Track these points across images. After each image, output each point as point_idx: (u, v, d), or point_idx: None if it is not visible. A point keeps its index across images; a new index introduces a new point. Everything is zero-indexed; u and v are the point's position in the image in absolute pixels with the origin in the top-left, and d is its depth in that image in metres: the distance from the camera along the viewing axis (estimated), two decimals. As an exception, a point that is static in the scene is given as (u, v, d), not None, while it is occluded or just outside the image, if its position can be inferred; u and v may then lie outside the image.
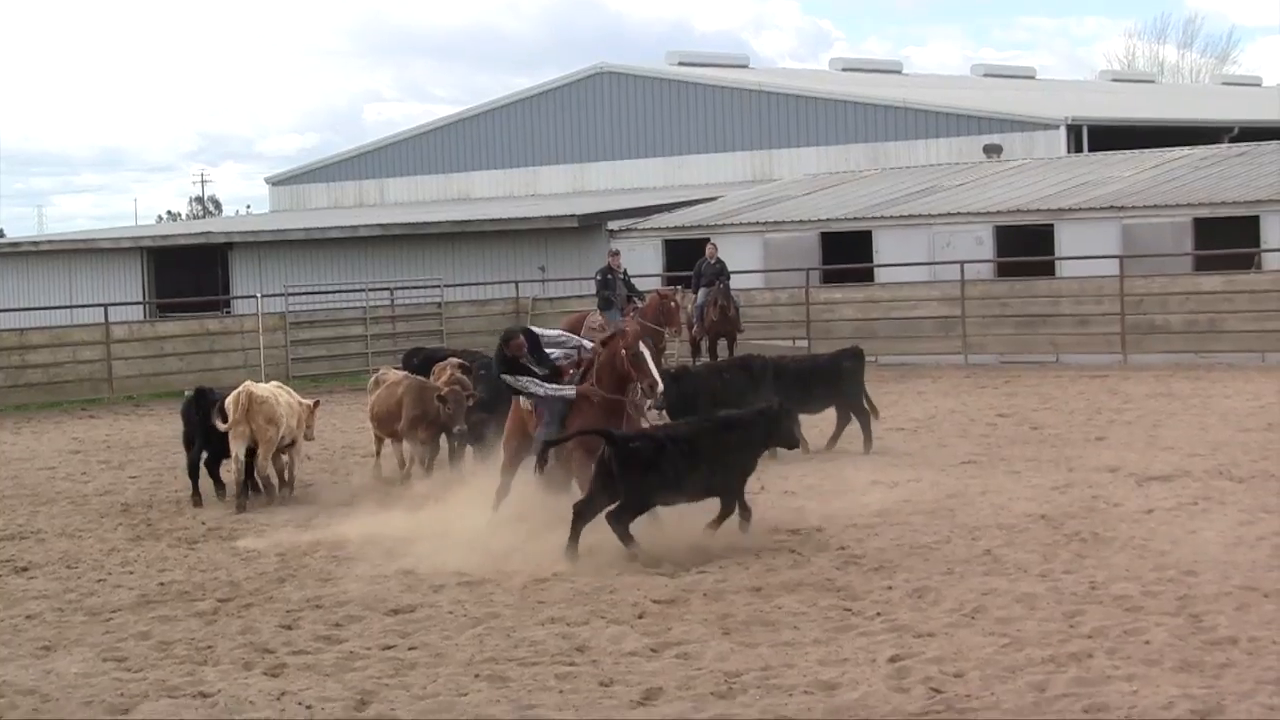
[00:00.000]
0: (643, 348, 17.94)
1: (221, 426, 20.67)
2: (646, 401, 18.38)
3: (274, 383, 22.64)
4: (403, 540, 17.43)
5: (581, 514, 16.29)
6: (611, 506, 16.21)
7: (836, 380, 24.05)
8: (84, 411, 34.88)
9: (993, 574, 14.97)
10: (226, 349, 38.99)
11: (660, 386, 18.09)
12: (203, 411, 21.35)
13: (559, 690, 11.75)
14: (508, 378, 18.34)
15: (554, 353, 18.58)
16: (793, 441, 17.82)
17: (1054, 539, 16.50)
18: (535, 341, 18.47)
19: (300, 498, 21.40)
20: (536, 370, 18.23)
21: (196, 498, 21.24)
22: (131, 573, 16.89)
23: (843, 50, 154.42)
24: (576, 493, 17.38)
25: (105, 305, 40.14)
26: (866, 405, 24.11)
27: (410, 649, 13.11)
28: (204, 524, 19.71)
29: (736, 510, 16.82)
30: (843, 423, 23.96)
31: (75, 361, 36.99)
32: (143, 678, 12.52)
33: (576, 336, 19.36)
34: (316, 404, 22.36)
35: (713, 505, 16.89)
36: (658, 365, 18.45)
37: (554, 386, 18.14)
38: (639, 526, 16.27)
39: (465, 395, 21.59)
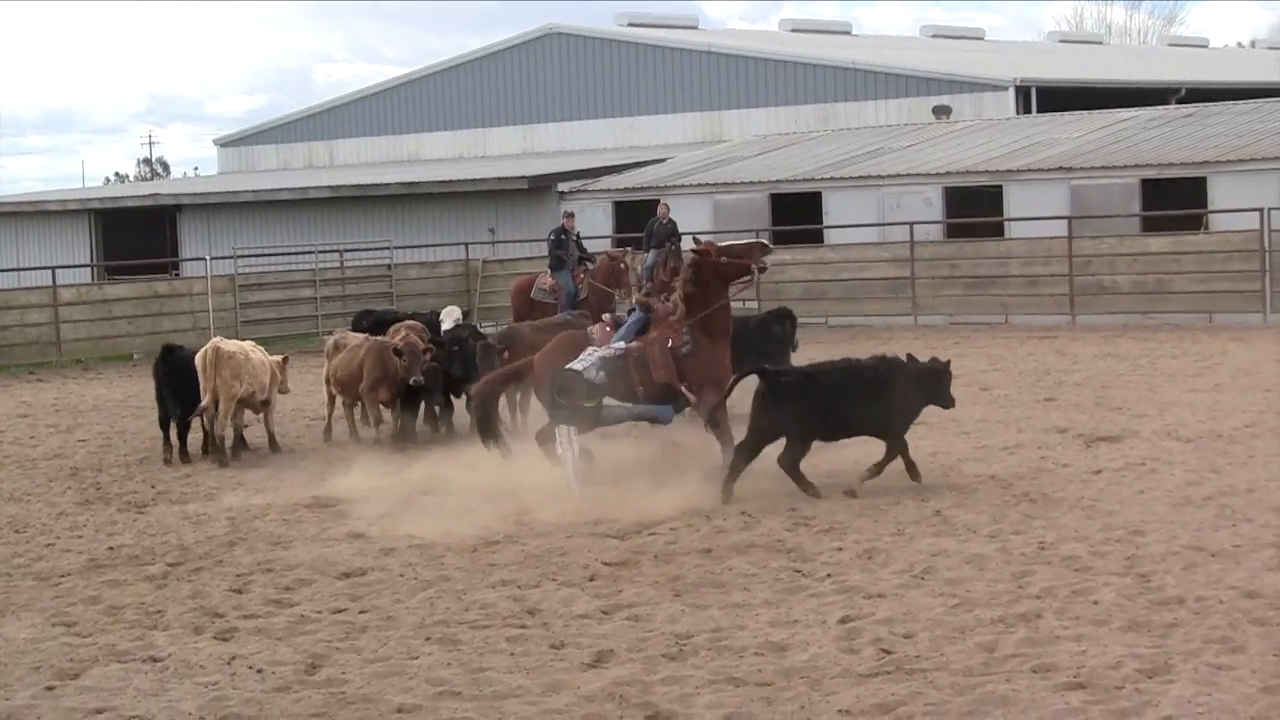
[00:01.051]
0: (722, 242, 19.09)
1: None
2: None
3: (248, 342, 22.69)
4: (353, 503, 17.45)
5: (743, 453, 17.11)
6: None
7: (765, 343, 23.93)
8: (32, 375, 34.70)
9: (942, 535, 15.03)
10: (175, 311, 38.86)
11: (770, 247, 19.50)
12: (170, 367, 21.43)
13: (510, 653, 11.76)
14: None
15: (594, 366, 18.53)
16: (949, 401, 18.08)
17: (1003, 500, 16.57)
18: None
19: (251, 461, 21.36)
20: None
21: (167, 451, 21.31)
22: (80, 537, 16.84)
23: (792, 11, 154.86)
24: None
25: (53, 268, 39.99)
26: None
27: (361, 612, 13.10)
28: (154, 488, 19.66)
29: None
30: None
31: (23, 325, 36.81)
32: (92, 642, 12.48)
33: (597, 351, 19.16)
34: (286, 359, 22.57)
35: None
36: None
37: (610, 349, 18.65)
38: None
39: (421, 349, 21.65)
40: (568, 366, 18.20)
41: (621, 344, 18.64)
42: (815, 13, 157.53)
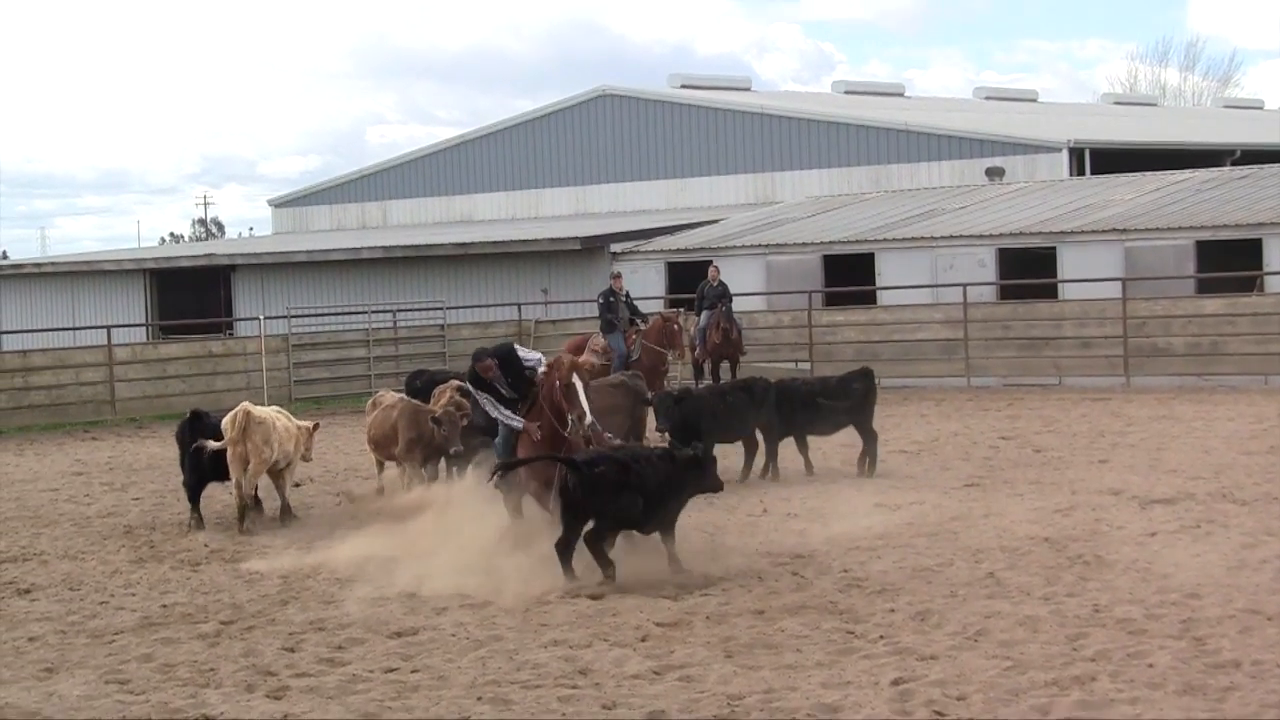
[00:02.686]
0: (575, 380, 18.15)
1: (211, 446, 20.68)
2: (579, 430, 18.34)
3: (274, 407, 22.65)
4: (405, 562, 17.45)
5: (562, 548, 16.35)
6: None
7: (848, 399, 24.02)
8: (86, 433, 34.88)
9: (996, 597, 14.96)
10: (229, 370, 38.99)
11: (588, 418, 18.18)
12: (196, 434, 21.34)
13: (562, 713, 11.74)
14: (471, 389, 18.73)
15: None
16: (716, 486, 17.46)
17: (1057, 562, 16.49)
18: (512, 362, 18.54)
19: (303, 520, 21.38)
20: (503, 391, 18.40)
21: (195, 520, 21.21)
22: (134, 595, 16.88)
23: (845, 73, 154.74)
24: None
25: (108, 327, 40.23)
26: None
27: (413, 671, 13.10)
28: (207, 546, 19.70)
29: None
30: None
31: (78, 383, 37.00)
32: (145, 700, 12.51)
33: (537, 356, 19.21)
34: (315, 426, 22.37)
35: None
36: (588, 398, 18.49)
37: (506, 413, 18.36)
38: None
39: (461, 416, 21.58)
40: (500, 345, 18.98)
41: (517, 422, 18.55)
42: (868, 74, 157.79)
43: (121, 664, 13.73)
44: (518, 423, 18.33)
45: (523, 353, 18.88)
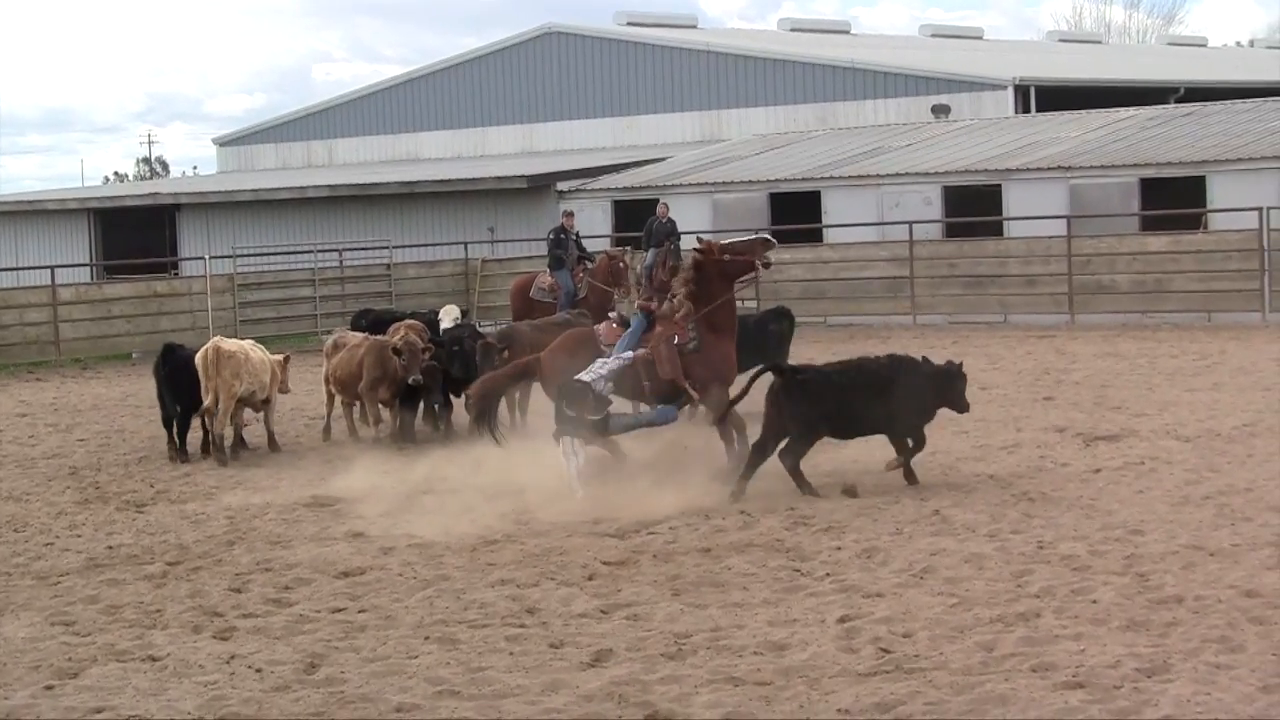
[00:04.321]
0: (724, 239, 18.93)
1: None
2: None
3: (248, 341, 22.71)
4: (352, 502, 17.47)
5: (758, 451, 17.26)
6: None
7: (763, 341, 23.92)
8: (31, 374, 34.69)
9: (941, 534, 15.03)
10: (174, 310, 38.84)
11: (771, 240, 19.39)
12: (171, 367, 21.41)
13: (509, 652, 11.76)
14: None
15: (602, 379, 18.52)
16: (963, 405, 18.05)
17: (1002, 499, 16.57)
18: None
19: (250, 460, 21.35)
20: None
21: (172, 450, 21.32)
22: (79, 536, 16.83)
23: (791, 10, 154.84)
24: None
25: (52, 267, 39.95)
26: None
27: (360, 611, 13.10)
28: (152, 487, 19.65)
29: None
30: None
31: (22, 324, 36.79)
32: (91, 641, 12.48)
33: (602, 361, 19.14)
34: (287, 358, 22.62)
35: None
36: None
37: (614, 362, 18.43)
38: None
39: (420, 348, 21.63)
40: (577, 377, 18.14)
41: (629, 354, 18.54)
42: (814, 12, 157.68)
43: (67, 606, 13.69)
44: (627, 356, 18.48)
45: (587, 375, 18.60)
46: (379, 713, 10.60)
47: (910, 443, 17.49)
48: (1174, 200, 37.99)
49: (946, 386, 17.76)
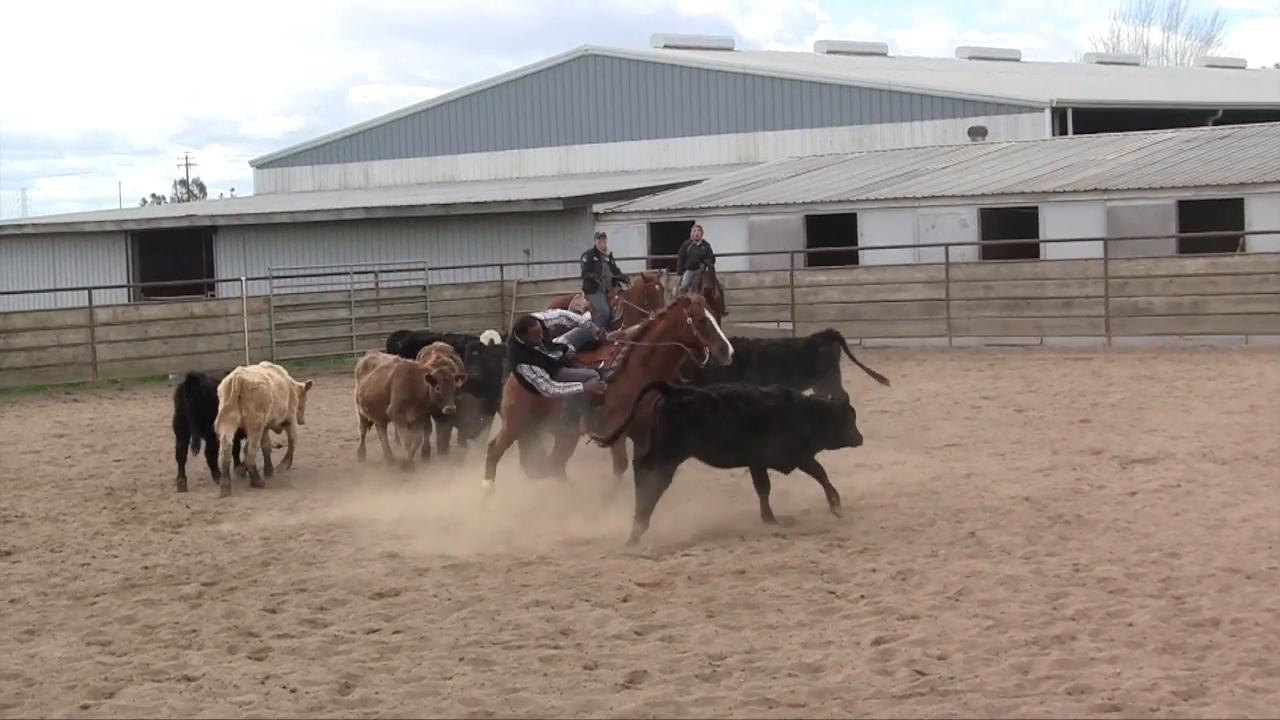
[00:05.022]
0: (708, 313, 18.38)
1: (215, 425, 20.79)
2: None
3: (264, 363, 22.71)
4: (388, 523, 17.48)
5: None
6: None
7: (813, 363, 23.97)
8: (68, 395, 34.82)
9: (977, 556, 15.00)
10: (211, 332, 38.92)
11: (730, 349, 18.63)
12: (195, 397, 21.31)
13: (544, 674, 11.76)
14: (524, 370, 18.34)
15: (560, 339, 18.65)
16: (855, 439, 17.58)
17: (1038, 521, 16.54)
18: (544, 329, 18.54)
19: (285, 481, 21.39)
20: (551, 357, 18.31)
21: (182, 482, 21.22)
22: (116, 556, 16.88)
23: (828, 33, 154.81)
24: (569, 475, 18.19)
25: (89, 289, 40.05)
26: (872, 376, 24.11)
27: (395, 632, 13.12)
28: (188, 508, 19.70)
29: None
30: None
31: (59, 345, 36.91)
32: (127, 661, 12.52)
33: (573, 314, 19.36)
34: (308, 385, 22.49)
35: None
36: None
37: (559, 386, 18.22)
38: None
39: (454, 376, 21.63)
40: (532, 314, 19.01)
41: (578, 386, 18.43)
42: (851, 34, 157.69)
43: (103, 626, 13.73)
44: (576, 387, 18.23)
45: (542, 315, 18.87)
46: (413, 733, 10.61)
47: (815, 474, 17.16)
48: (1211, 222, 37.88)
49: (829, 422, 17.29)
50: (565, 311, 19.44)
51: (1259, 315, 34.75)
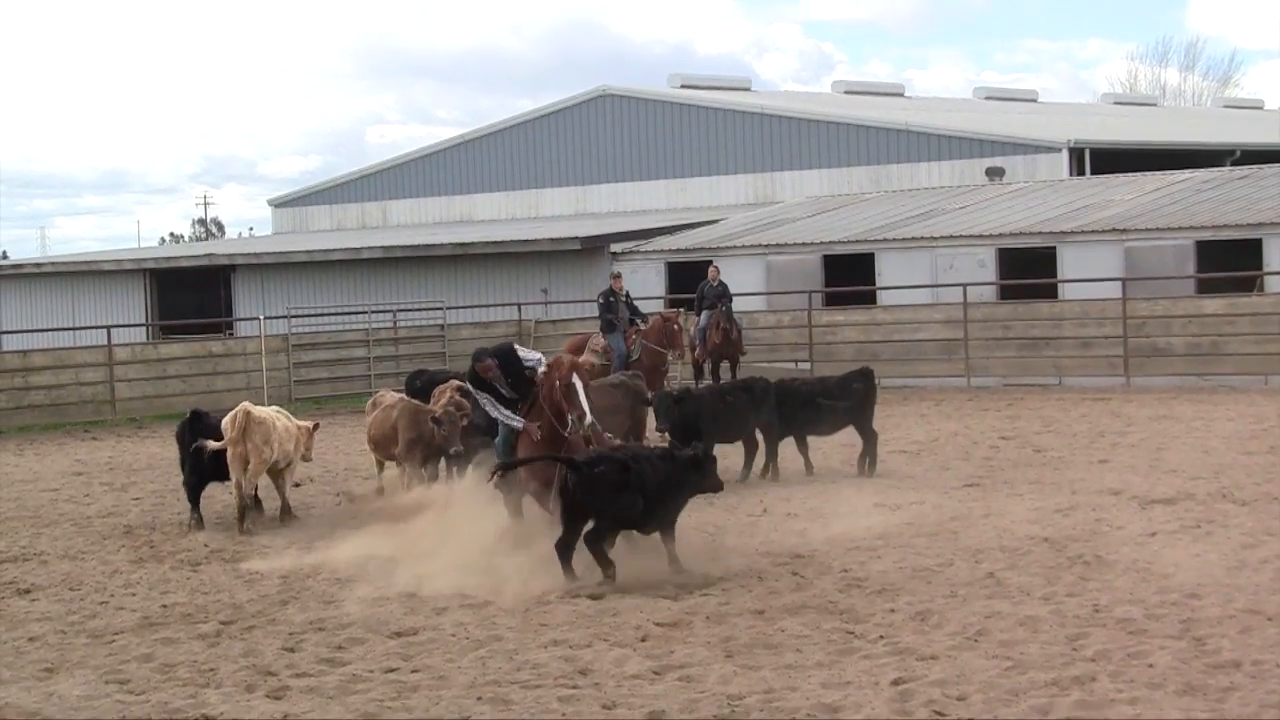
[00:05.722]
0: (575, 380, 18.17)
1: (211, 445, 20.67)
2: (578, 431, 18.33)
3: (274, 407, 22.68)
4: (405, 562, 17.45)
5: (562, 548, 16.32)
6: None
7: (847, 399, 24.03)
8: (86, 433, 34.87)
9: (996, 597, 14.97)
10: (229, 371, 38.98)
11: (588, 418, 18.22)
12: (196, 434, 21.32)
13: (562, 714, 11.75)
14: (471, 389, 18.61)
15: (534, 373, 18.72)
16: (716, 486, 17.34)
17: (1057, 562, 16.49)
18: (512, 362, 18.54)
19: (303, 520, 21.37)
20: (503, 391, 18.36)
21: (195, 520, 21.20)
22: (134, 595, 16.88)
23: (845, 73, 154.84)
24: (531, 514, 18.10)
25: (108, 327, 40.20)
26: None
27: (413, 671, 13.10)
28: (206, 546, 19.69)
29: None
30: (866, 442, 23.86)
31: (78, 383, 37.00)
32: (145, 700, 12.51)
33: (537, 356, 19.26)
34: (315, 426, 22.39)
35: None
36: (589, 398, 18.50)
37: (506, 413, 18.34)
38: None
39: (461, 416, 21.57)
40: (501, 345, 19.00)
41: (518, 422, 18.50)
42: (868, 74, 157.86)
43: (121, 664, 13.73)
44: (517, 423, 18.32)
45: (523, 353, 18.88)
46: (431, 773, 10.59)
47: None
48: (1230, 263, 37.84)
49: (695, 474, 16.98)
50: (541, 357, 19.30)
51: (1278, 355, 34.68)
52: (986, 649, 13.03)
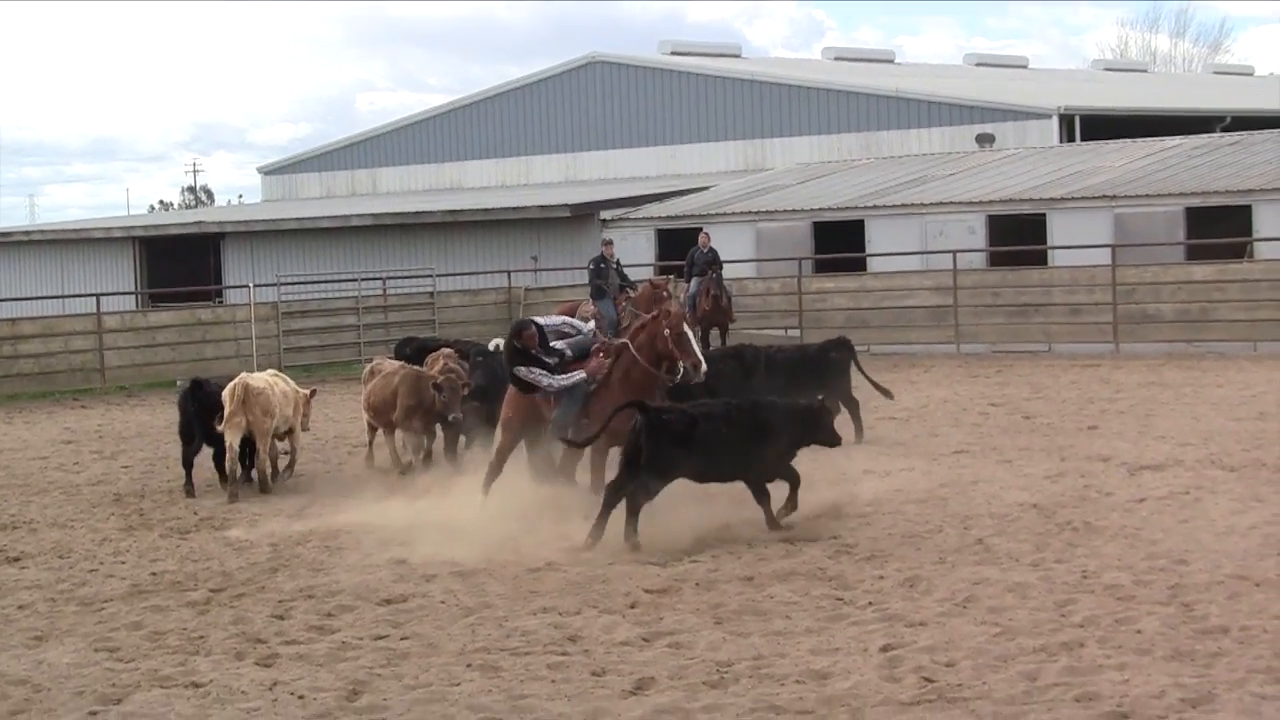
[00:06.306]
0: (687, 328, 18.18)
1: (220, 428, 20.70)
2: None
3: (269, 370, 22.69)
4: (396, 530, 17.47)
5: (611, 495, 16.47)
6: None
7: (824, 370, 24.02)
8: (76, 401, 34.83)
9: (985, 563, 14.98)
10: (219, 339, 38.94)
11: (704, 366, 18.40)
12: (199, 403, 21.32)
13: (551, 680, 11.75)
14: (520, 370, 18.32)
15: (558, 344, 18.63)
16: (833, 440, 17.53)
17: (1046, 528, 16.51)
18: (542, 333, 18.52)
19: (293, 488, 21.38)
20: (547, 361, 18.28)
21: (189, 488, 21.21)
22: (124, 563, 16.88)
23: (835, 39, 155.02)
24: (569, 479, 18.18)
25: (97, 295, 40.08)
26: (877, 389, 24.23)
27: (402, 639, 13.11)
28: (196, 514, 19.70)
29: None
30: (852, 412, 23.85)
31: (67, 351, 36.94)
32: (135, 668, 12.51)
33: (577, 321, 19.38)
34: (313, 393, 22.43)
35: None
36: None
37: (561, 378, 18.21)
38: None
39: (460, 383, 21.60)
40: (531, 318, 18.99)
41: (579, 374, 18.43)
42: (858, 41, 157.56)
43: (111, 632, 13.73)
44: (579, 375, 18.20)
45: (544, 320, 18.89)
46: (421, 740, 10.61)
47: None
48: (1219, 229, 37.86)
49: (813, 423, 17.27)
50: (569, 319, 19.44)
51: (1267, 322, 34.71)
52: (975, 615, 13.05)
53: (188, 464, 21.47)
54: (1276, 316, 34.70)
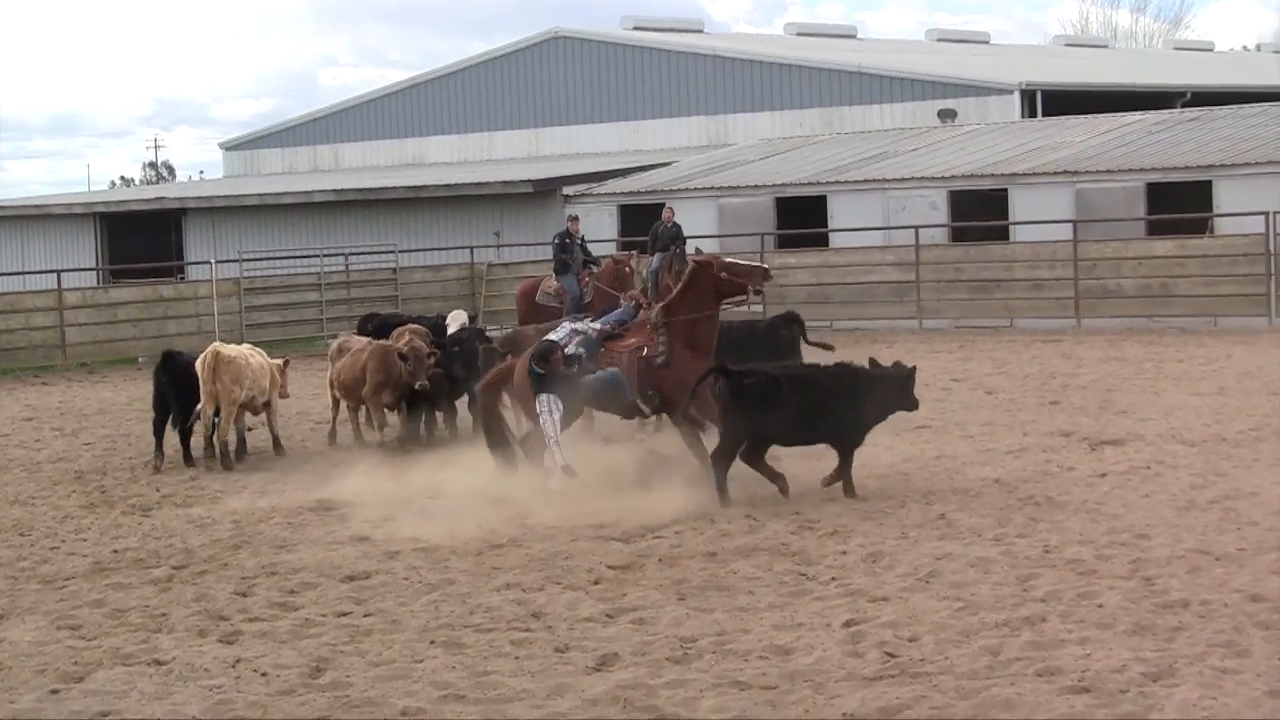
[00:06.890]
0: (725, 257, 18.57)
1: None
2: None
3: (246, 345, 22.76)
4: (357, 506, 17.46)
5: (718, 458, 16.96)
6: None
7: (774, 346, 23.97)
8: (37, 378, 34.72)
9: (947, 538, 15.03)
10: (180, 315, 38.87)
11: (768, 268, 19.47)
12: (171, 374, 21.38)
13: (515, 656, 11.76)
14: (541, 399, 18.12)
15: (569, 349, 18.54)
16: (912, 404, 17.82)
17: (1008, 503, 16.57)
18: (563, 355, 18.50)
19: (255, 464, 21.36)
20: (569, 373, 18.28)
21: (159, 457, 21.23)
22: (85, 540, 16.84)
23: (797, 15, 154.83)
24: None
25: (58, 271, 39.99)
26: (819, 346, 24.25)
27: (365, 615, 13.11)
28: (158, 491, 19.66)
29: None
30: None
31: (28, 328, 36.83)
32: (97, 645, 12.49)
33: (579, 325, 19.30)
34: (286, 363, 22.58)
35: None
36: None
37: (602, 370, 18.39)
38: None
39: (425, 353, 21.68)
40: (546, 337, 18.55)
41: (598, 325, 18.68)
42: (820, 16, 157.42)
43: (73, 609, 13.70)
44: (611, 371, 18.46)
45: (554, 336, 18.81)
46: (384, 716, 10.62)
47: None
48: (1180, 205, 37.97)
49: (899, 389, 17.59)
50: (573, 326, 19.36)
51: (1227, 297, 34.85)
52: (938, 590, 13.10)
53: (158, 433, 21.52)
54: (1236, 292, 34.85)
